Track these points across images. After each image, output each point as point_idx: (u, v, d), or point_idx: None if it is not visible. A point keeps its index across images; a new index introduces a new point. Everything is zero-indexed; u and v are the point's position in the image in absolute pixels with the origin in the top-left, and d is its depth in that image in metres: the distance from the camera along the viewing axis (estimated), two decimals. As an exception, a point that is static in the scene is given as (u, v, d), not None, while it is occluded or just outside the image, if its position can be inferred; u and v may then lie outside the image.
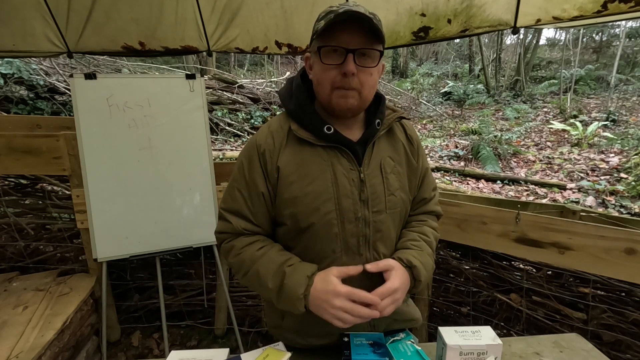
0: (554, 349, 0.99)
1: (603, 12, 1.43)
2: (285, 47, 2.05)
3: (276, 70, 13.93)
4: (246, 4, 1.90)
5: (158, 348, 2.18)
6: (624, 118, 8.37)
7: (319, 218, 0.85)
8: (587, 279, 1.59)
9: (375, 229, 0.88)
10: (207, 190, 1.98)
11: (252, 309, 2.31)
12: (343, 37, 0.78)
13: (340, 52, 0.79)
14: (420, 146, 1.00)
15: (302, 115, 0.88)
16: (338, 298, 0.77)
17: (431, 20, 1.78)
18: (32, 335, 1.54)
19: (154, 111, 1.87)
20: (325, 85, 0.83)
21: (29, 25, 1.90)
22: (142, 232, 1.88)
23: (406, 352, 0.85)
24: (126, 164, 1.84)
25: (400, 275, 0.83)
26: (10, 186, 2.23)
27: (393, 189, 0.90)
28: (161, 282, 1.97)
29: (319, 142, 0.86)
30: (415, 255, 0.88)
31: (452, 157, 7.00)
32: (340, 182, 0.86)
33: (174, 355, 0.88)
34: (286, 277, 0.81)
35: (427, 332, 1.96)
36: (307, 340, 0.94)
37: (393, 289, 0.80)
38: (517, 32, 1.68)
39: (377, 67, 0.84)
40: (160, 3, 1.87)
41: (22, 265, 2.15)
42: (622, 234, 1.40)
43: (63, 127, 2.57)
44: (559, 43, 17.43)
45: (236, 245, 0.90)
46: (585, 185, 5.19)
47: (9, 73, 5.35)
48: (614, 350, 1.52)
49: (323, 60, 0.81)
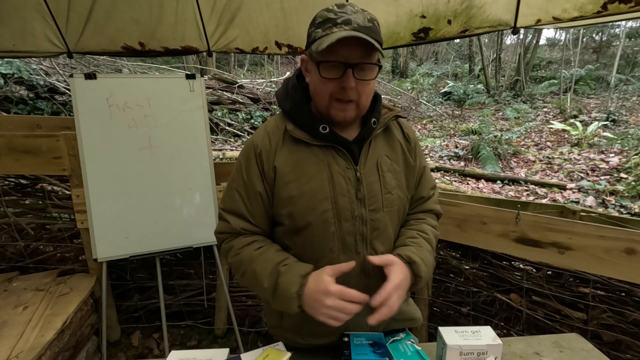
0: (554, 349, 0.99)
1: (603, 13, 1.43)
2: (285, 48, 2.05)
3: (276, 70, 13.94)
4: (246, 5, 1.90)
5: (158, 348, 2.18)
6: (624, 118, 8.37)
7: (315, 217, 0.85)
8: (587, 279, 1.59)
9: (372, 227, 0.88)
10: (207, 190, 1.98)
11: (252, 309, 2.31)
12: (342, 52, 0.77)
13: (339, 66, 0.78)
14: (418, 145, 1.00)
15: (297, 115, 0.88)
16: (329, 297, 0.77)
17: (431, 21, 1.78)
18: (32, 335, 1.54)
19: (154, 111, 1.87)
20: (323, 96, 0.83)
21: (29, 25, 1.90)
22: (142, 232, 1.88)
23: (406, 352, 0.85)
24: (126, 164, 1.84)
25: (402, 271, 0.83)
26: (10, 186, 2.23)
27: (390, 188, 0.91)
28: (161, 282, 1.97)
29: (314, 141, 0.87)
30: (414, 252, 0.88)
31: (452, 157, 7.00)
32: (337, 181, 0.86)
33: (174, 355, 0.88)
34: (280, 276, 0.82)
35: (427, 332, 1.96)
36: (307, 340, 0.94)
37: (397, 284, 0.80)
38: (517, 32, 1.68)
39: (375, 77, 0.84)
40: (160, 3, 1.87)
41: (22, 265, 2.15)
42: (622, 234, 1.40)
43: (63, 127, 2.57)
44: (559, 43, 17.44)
45: (235, 246, 0.90)
46: (585, 185, 5.19)
47: (9, 73, 5.35)
48: (614, 350, 1.52)
49: (322, 74, 0.80)
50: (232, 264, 0.91)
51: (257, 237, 0.92)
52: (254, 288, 0.89)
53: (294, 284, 0.80)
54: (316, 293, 0.79)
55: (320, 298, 0.78)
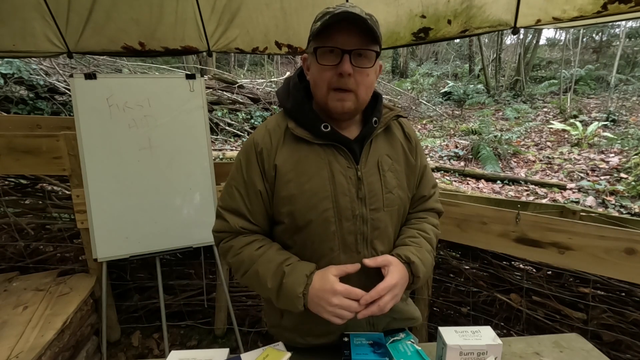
0: (554, 349, 0.99)
1: (603, 13, 1.43)
2: (285, 48, 2.05)
3: (276, 70, 13.94)
4: (246, 5, 1.90)
5: (158, 348, 2.18)
6: (624, 118, 8.37)
7: (316, 216, 0.85)
8: (587, 279, 1.59)
9: (372, 227, 0.88)
10: (207, 190, 1.98)
11: (252, 309, 2.31)
12: (339, 38, 0.79)
13: (336, 52, 0.79)
14: (419, 144, 1.00)
15: (299, 113, 0.88)
16: (336, 296, 0.79)
17: (431, 21, 1.78)
18: (32, 335, 1.54)
19: (154, 111, 1.87)
20: (321, 86, 0.83)
21: (29, 25, 1.90)
22: (142, 232, 1.88)
23: (406, 352, 0.85)
24: (126, 164, 1.84)
25: (399, 271, 0.84)
26: (10, 186, 2.23)
27: (391, 187, 0.91)
28: (161, 282, 1.97)
29: (316, 140, 0.87)
30: (413, 252, 0.88)
31: (452, 157, 7.00)
32: (338, 180, 0.86)
33: (174, 355, 0.88)
34: (285, 277, 0.82)
35: (427, 332, 1.96)
36: (306, 340, 0.94)
37: (392, 284, 0.80)
38: (517, 33, 1.68)
39: (374, 67, 0.85)
40: (160, 3, 1.87)
41: (22, 265, 2.15)
42: (622, 234, 1.40)
43: (63, 127, 2.57)
44: (559, 43, 17.43)
45: (235, 245, 0.90)
46: (585, 185, 5.19)
47: (9, 73, 5.35)
48: (614, 350, 1.52)
49: (319, 61, 0.81)
50: (232, 263, 0.91)
51: (257, 236, 0.92)
52: (256, 288, 0.90)
53: (299, 284, 0.81)
54: (322, 292, 0.80)
55: (326, 297, 0.79)
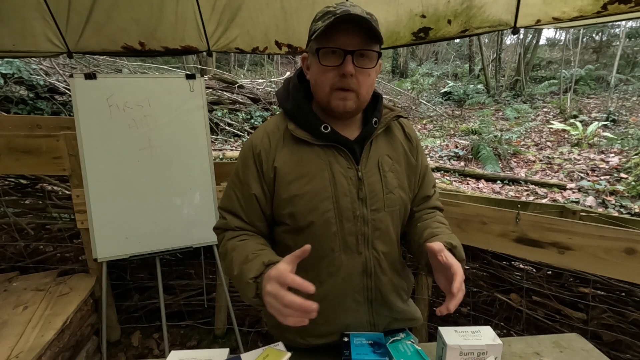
0: (554, 349, 0.99)
1: (603, 13, 1.43)
2: (285, 47, 2.05)
3: (276, 70, 13.93)
4: (246, 4, 1.90)
5: (158, 348, 2.18)
6: (624, 118, 8.36)
7: (317, 217, 0.85)
8: (587, 279, 1.59)
9: (373, 227, 0.88)
10: (207, 190, 1.98)
11: (252, 309, 2.31)
12: (341, 39, 0.78)
13: (338, 53, 0.79)
14: (419, 144, 1.00)
15: (299, 114, 0.88)
16: (270, 282, 0.70)
17: (431, 21, 1.78)
18: (32, 335, 1.54)
19: (154, 111, 1.87)
20: (323, 86, 0.83)
21: (29, 25, 1.90)
22: (142, 232, 1.88)
23: (406, 352, 0.85)
24: (126, 164, 1.84)
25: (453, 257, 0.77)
26: (10, 186, 2.23)
27: (391, 187, 0.90)
28: (161, 282, 1.97)
29: (316, 141, 0.87)
30: (452, 237, 0.85)
31: (452, 157, 7.00)
32: (338, 181, 0.86)
33: (174, 355, 0.88)
34: (246, 263, 0.79)
35: (427, 332, 1.96)
36: (307, 340, 0.94)
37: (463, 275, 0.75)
38: (517, 33, 1.68)
39: (375, 67, 0.85)
40: (160, 3, 1.87)
41: (22, 265, 2.15)
42: (622, 234, 1.40)
43: (63, 127, 2.57)
44: (559, 43, 17.42)
45: (225, 236, 0.92)
46: (585, 185, 5.19)
47: (9, 73, 5.35)
48: (614, 350, 1.52)
49: (322, 62, 0.81)
50: (220, 254, 0.93)
51: (250, 233, 0.92)
52: (230, 277, 0.85)
53: (253, 270, 0.76)
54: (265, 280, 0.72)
55: (265, 284, 0.71)
